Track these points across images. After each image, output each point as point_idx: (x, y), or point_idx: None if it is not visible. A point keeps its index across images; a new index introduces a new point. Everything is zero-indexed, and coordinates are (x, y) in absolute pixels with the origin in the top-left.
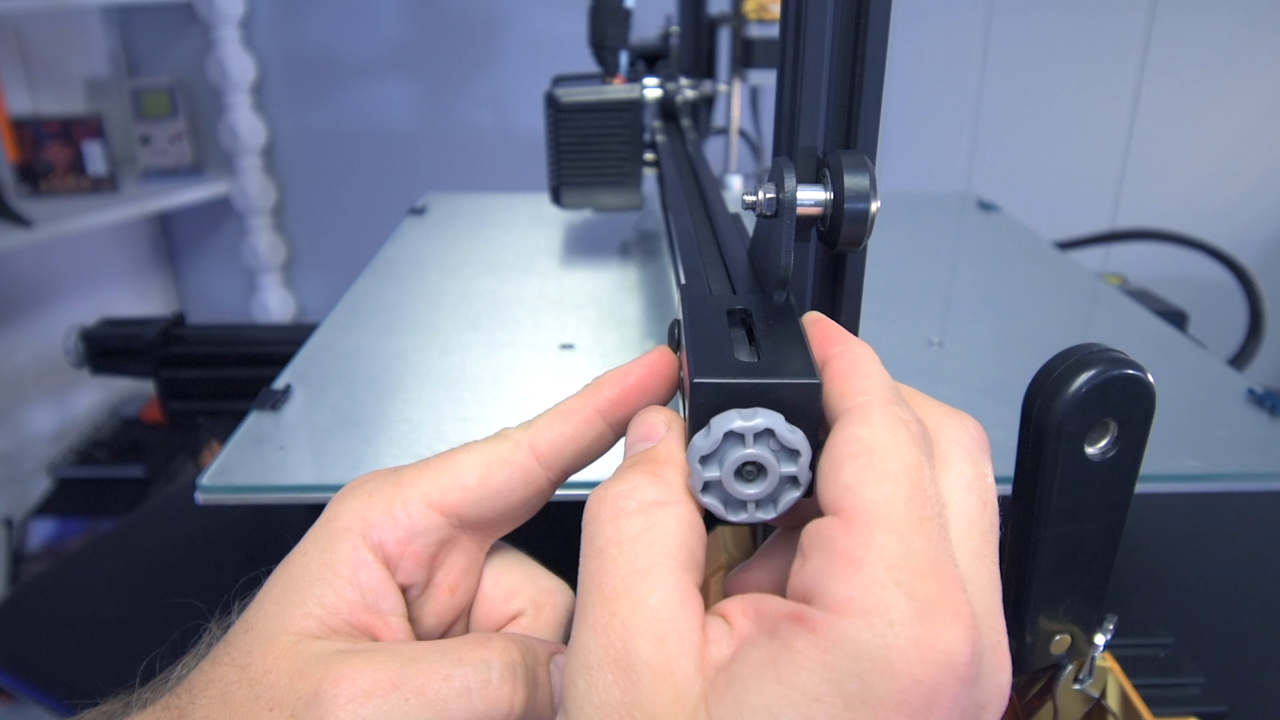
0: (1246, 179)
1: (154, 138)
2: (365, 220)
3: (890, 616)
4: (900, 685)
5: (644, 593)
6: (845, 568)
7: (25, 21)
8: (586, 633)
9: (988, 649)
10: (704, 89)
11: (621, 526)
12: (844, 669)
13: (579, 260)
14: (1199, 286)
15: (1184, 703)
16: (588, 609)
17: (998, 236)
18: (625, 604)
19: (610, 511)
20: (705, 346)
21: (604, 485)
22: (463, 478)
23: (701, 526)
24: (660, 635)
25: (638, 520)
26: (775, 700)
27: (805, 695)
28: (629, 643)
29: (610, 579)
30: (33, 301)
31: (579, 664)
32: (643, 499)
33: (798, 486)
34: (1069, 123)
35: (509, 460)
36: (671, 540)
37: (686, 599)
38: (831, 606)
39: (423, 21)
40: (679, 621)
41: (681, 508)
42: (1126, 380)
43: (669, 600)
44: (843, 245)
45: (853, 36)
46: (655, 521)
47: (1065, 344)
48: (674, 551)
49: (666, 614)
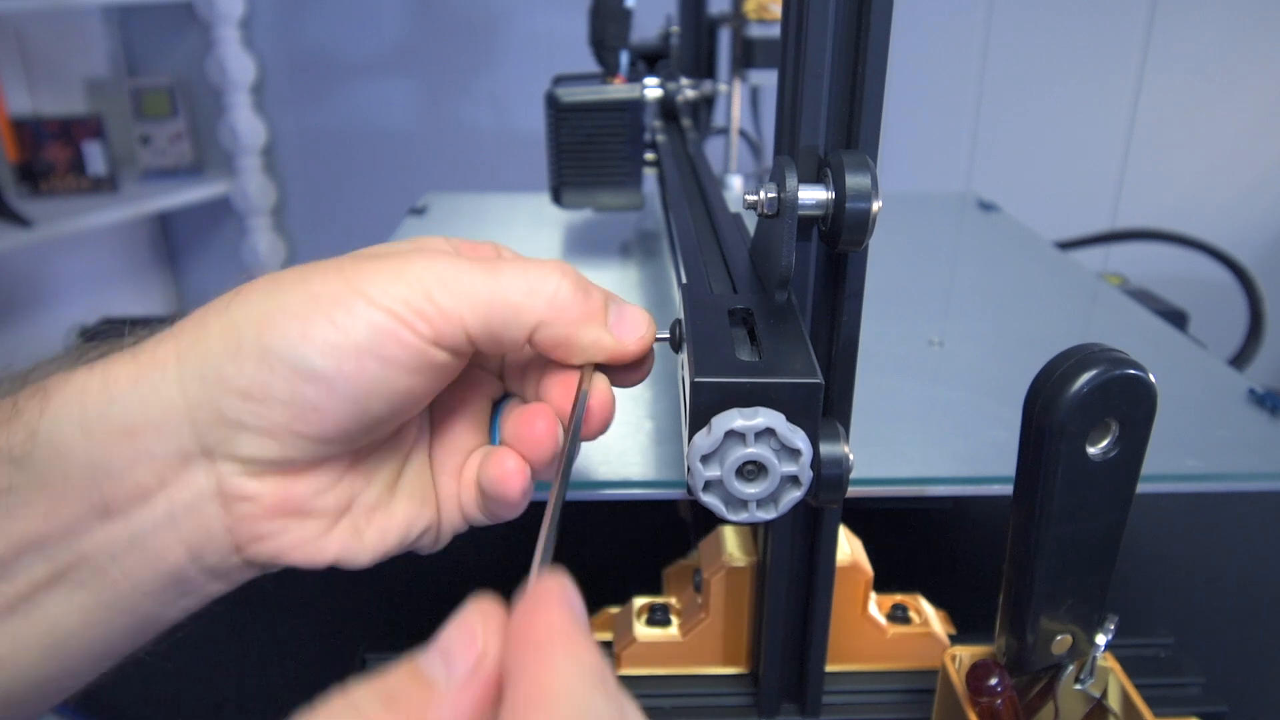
0: (1246, 179)
1: (154, 138)
2: (365, 220)
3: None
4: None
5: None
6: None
7: (25, 21)
8: None
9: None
10: (704, 89)
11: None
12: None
13: (579, 260)
14: (1199, 286)
15: (1184, 703)
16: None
17: (998, 236)
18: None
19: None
20: (706, 346)
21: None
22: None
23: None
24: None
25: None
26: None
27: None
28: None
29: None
30: (33, 301)
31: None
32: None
33: (798, 486)
34: (1069, 123)
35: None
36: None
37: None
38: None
39: (423, 21)
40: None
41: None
42: (1127, 380)
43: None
44: (844, 245)
45: (854, 36)
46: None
47: (1065, 344)
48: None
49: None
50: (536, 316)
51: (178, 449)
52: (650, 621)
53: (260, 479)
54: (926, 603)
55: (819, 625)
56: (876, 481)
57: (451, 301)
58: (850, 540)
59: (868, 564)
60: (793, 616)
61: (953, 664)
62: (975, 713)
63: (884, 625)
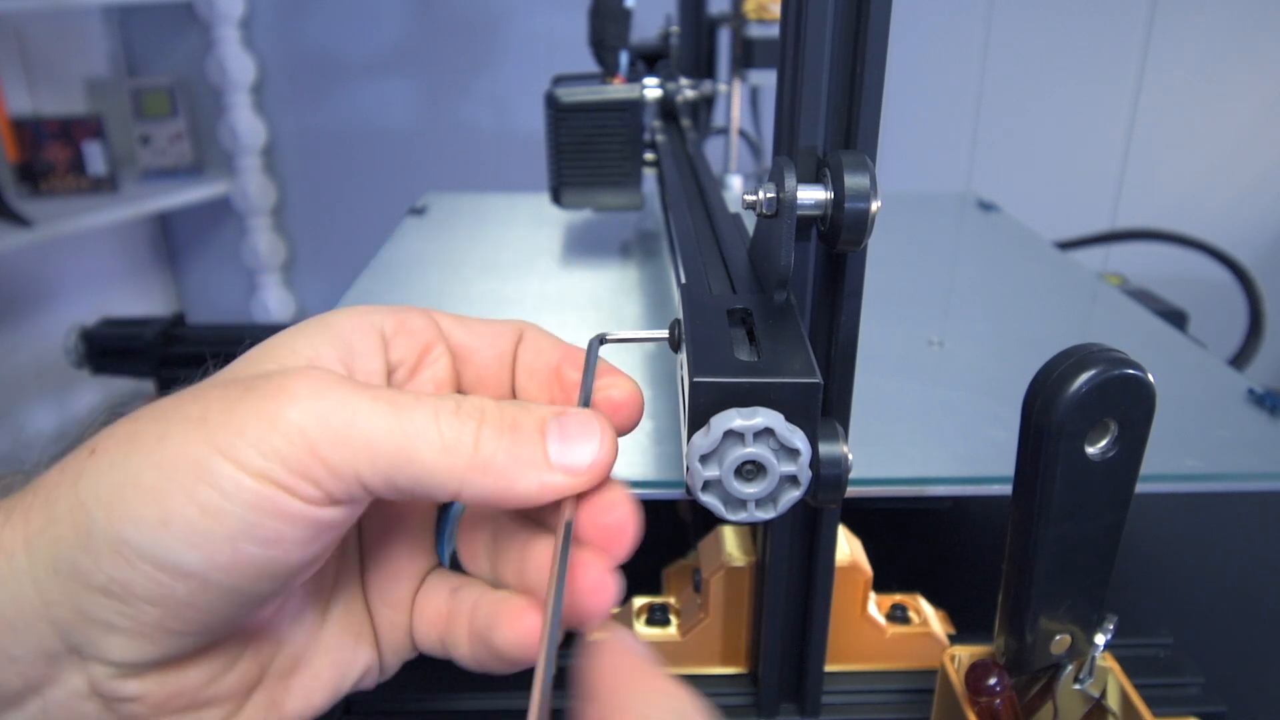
0: (1246, 179)
1: (154, 138)
2: (365, 220)
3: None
4: None
5: None
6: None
7: (25, 21)
8: None
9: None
10: (704, 89)
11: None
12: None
13: (579, 260)
14: (1199, 286)
15: (1184, 703)
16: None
17: (998, 236)
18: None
19: None
20: (705, 346)
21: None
22: (467, 317)
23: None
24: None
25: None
26: None
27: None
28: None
29: None
30: (33, 301)
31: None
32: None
33: (797, 486)
34: (1069, 123)
35: (510, 322)
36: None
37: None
38: None
39: (423, 21)
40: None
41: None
42: (1126, 380)
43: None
44: (843, 245)
45: (853, 36)
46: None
47: (1065, 344)
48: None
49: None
50: (456, 478)
51: (39, 650)
52: (650, 621)
53: (140, 678)
54: (926, 603)
55: (818, 625)
56: (876, 481)
57: (343, 457)
58: (849, 540)
59: (867, 564)
60: (792, 616)
61: (952, 664)
62: (974, 712)
63: (883, 625)
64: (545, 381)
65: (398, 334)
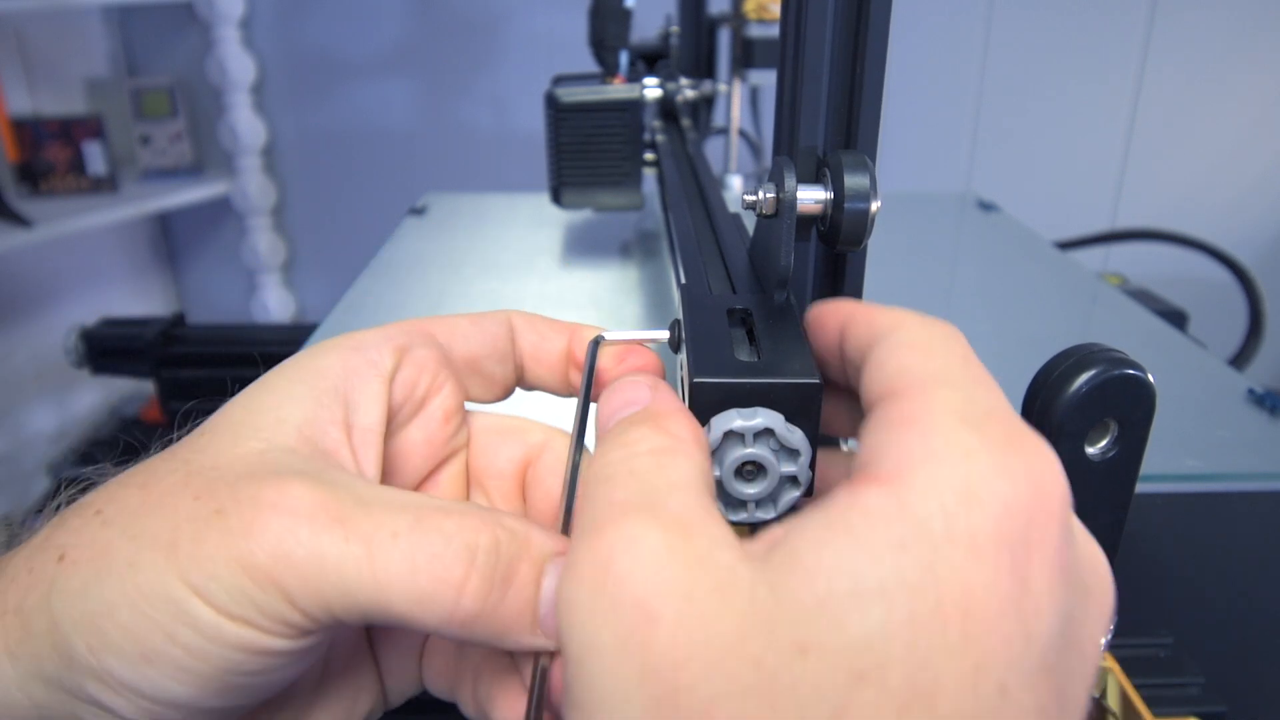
0: (1246, 179)
1: (154, 138)
2: (365, 220)
3: (966, 450)
4: (991, 515)
5: (664, 499)
6: (907, 425)
7: (25, 21)
8: (591, 534)
9: (1070, 516)
10: (704, 89)
11: (634, 462)
12: (926, 508)
13: (579, 260)
14: (1199, 286)
15: (1184, 703)
16: (589, 520)
17: (998, 236)
18: (640, 507)
19: (621, 453)
20: (705, 346)
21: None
22: (452, 319)
23: (713, 482)
24: (686, 531)
25: (649, 459)
26: (853, 559)
27: (889, 545)
28: (648, 533)
29: (619, 494)
30: (33, 301)
31: (584, 566)
32: (652, 445)
33: (797, 486)
34: (1069, 123)
35: (494, 316)
36: (689, 474)
37: (712, 513)
38: (898, 459)
39: (423, 21)
40: (708, 525)
41: (695, 453)
42: (1126, 380)
43: (692, 508)
44: (843, 245)
45: (853, 36)
46: (668, 459)
47: (1065, 344)
48: (694, 480)
49: (691, 516)
50: (434, 627)
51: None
52: None
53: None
54: None
55: None
56: None
57: (317, 602)
58: None
59: None
60: None
61: None
62: None
63: None
64: (557, 367)
65: (403, 368)
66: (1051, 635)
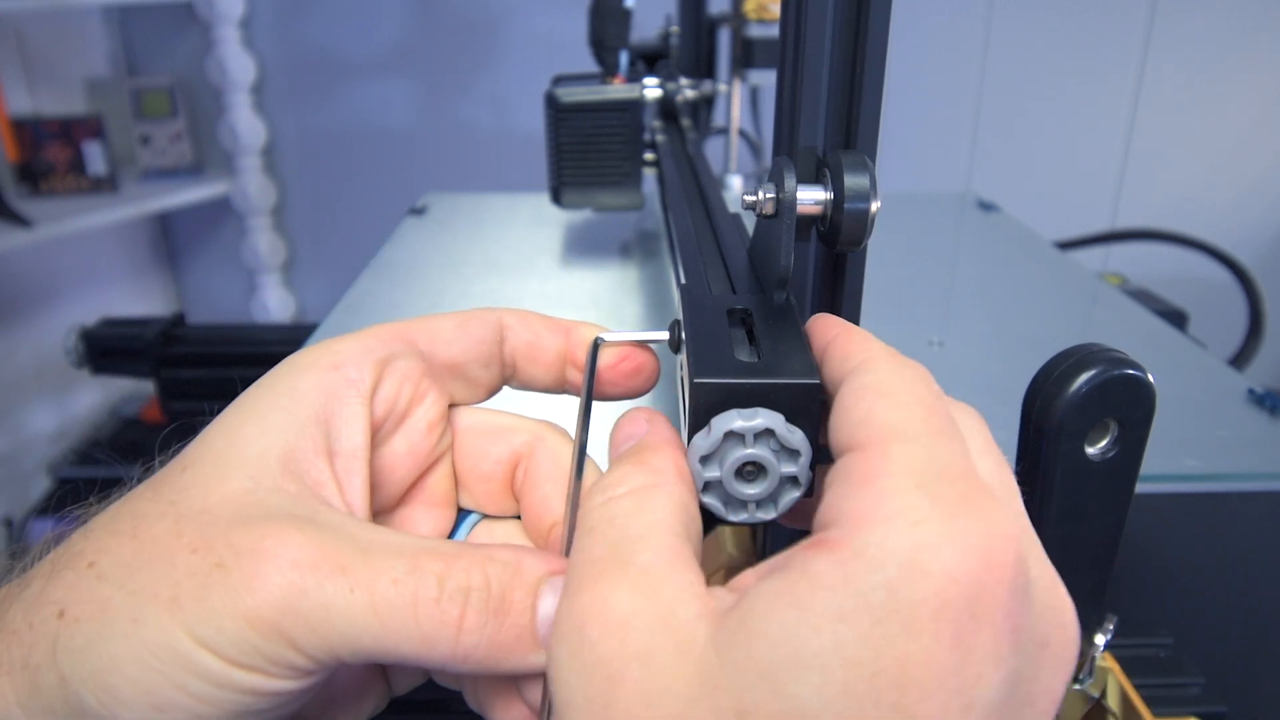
0: (1246, 179)
1: (154, 138)
2: (365, 220)
3: (916, 517)
4: (935, 588)
5: (635, 553)
6: (863, 484)
7: (25, 21)
8: (571, 595)
9: (1033, 565)
10: (704, 89)
11: (612, 508)
12: (868, 580)
13: (579, 260)
14: (1199, 286)
15: (1184, 703)
16: (573, 577)
17: (998, 236)
18: (613, 564)
19: (601, 499)
20: (705, 346)
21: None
22: (436, 322)
23: (696, 509)
24: (652, 587)
25: (628, 501)
26: (795, 629)
27: (828, 617)
28: (616, 595)
29: (598, 548)
30: (33, 301)
31: (565, 627)
32: (632, 485)
33: (798, 486)
34: (1069, 123)
35: (482, 316)
36: (664, 514)
37: (681, 558)
38: (850, 522)
39: (423, 21)
40: (674, 574)
41: (673, 488)
42: (1126, 380)
43: (661, 558)
44: (843, 245)
45: (853, 36)
46: (646, 501)
47: (1065, 344)
48: (668, 521)
49: (659, 569)
50: (438, 665)
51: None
52: None
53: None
54: None
55: None
56: None
57: (322, 647)
58: None
59: None
60: None
61: None
62: None
63: None
64: (553, 367)
65: (383, 383)
66: (995, 701)
